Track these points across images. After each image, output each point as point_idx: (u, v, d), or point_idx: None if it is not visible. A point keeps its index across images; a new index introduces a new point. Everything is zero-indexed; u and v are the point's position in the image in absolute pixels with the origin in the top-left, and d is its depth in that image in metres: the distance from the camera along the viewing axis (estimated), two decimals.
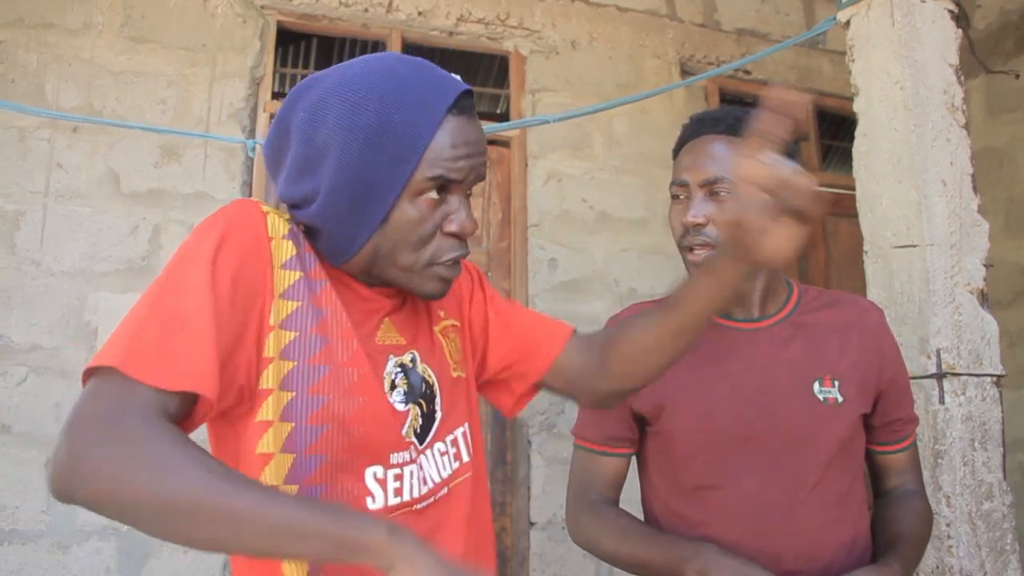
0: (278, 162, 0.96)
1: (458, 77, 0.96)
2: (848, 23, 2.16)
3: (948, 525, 1.81)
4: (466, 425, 1.07)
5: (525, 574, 3.23)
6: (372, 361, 0.95)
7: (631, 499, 1.46)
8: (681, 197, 1.37)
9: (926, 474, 1.84)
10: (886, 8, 2.04)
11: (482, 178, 0.97)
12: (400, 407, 0.97)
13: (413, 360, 1.01)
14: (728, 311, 1.41)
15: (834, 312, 1.41)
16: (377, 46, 4.11)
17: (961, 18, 2.12)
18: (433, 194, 0.91)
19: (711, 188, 1.32)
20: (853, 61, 2.14)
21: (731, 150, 1.33)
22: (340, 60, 4.88)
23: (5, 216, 2.89)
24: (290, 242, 0.91)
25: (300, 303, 0.90)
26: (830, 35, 3.97)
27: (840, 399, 1.32)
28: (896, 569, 1.24)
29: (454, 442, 1.04)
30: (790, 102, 0.87)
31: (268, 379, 0.86)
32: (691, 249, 1.34)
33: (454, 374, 1.07)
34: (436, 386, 1.03)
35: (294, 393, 0.88)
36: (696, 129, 1.40)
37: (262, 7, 3.35)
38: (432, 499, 0.98)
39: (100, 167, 3.02)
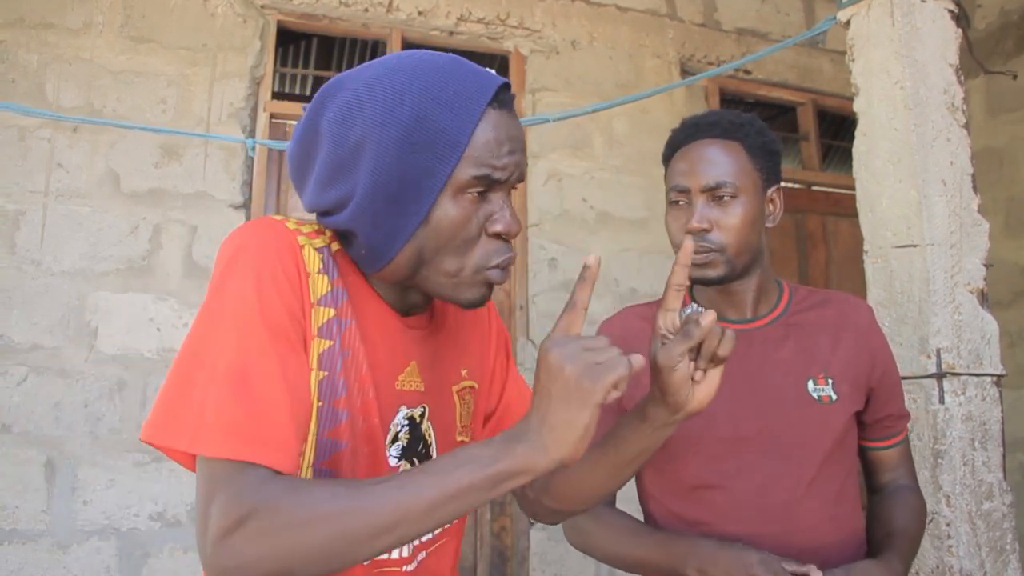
0: (304, 168, 0.92)
1: (493, 72, 0.92)
2: (848, 23, 2.16)
3: (948, 525, 1.80)
4: None
5: (525, 574, 3.23)
6: (383, 410, 0.92)
7: (631, 499, 1.46)
8: (681, 203, 1.37)
9: (926, 474, 1.84)
10: (886, 8, 2.04)
11: (523, 177, 0.93)
12: (393, 462, 0.94)
13: (422, 415, 0.97)
14: (721, 312, 1.41)
15: (825, 311, 1.41)
16: (377, 46, 4.12)
17: (961, 18, 2.12)
18: (475, 192, 0.87)
19: (713, 193, 1.33)
20: (853, 61, 2.14)
21: (728, 154, 1.33)
22: (340, 60, 4.90)
23: (5, 216, 2.89)
24: (324, 277, 0.88)
25: (332, 342, 0.87)
26: (830, 35, 3.98)
27: (834, 397, 1.33)
28: (895, 565, 1.25)
29: None
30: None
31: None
32: (694, 255, 1.34)
33: (458, 438, 1.03)
34: (433, 448, 0.99)
35: (315, 436, 0.87)
36: (691, 134, 1.39)
37: (262, 7, 3.35)
38: (414, 563, 0.95)
39: (100, 167, 3.02)
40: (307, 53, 4.82)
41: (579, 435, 0.75)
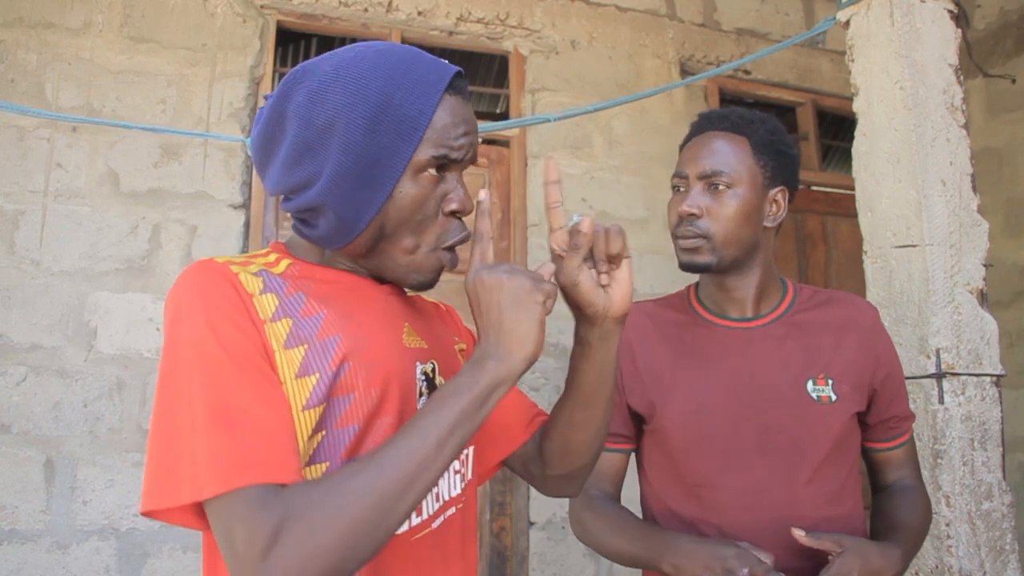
0: (269, 151, 0.96)
1: (446, 61, 0.97)
2: (848, 23, 2.16)
3: (947, 525, 1.81)
4: (471, 448, 1.06)
5: (524, 574, 3.23)
6: (405, 369, 0.94)
7: (633, 498, 1.46)
8: (681, 189, 1.40)
9: (926, 474, 1.84)
10: (886, 8, 2.04)
11: (475, 160, 0.99)
12: None
13: (434, 370, 1.00)
14: (723, 310, 1.42)
15: (829, 311, 1.41)
16: None
17: (961, 18, 2.12)
18: (433, 171, 0.93)
19: (709, 181, 1.35)
20: (853, 61, 2.14)
21: (731, 147, 1.36)
22: None
23: (5, 215, 2.89)
24: (271, 295, 0.89)
25: (307, 345, 0.87)
26: (830, 35, 3.98)
27: (834, 397, 1.33)
28: (891, 550, 1.23)
29: (463, 461, 1.03)
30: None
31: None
32: (683, 239, 1.36)
33: None
34: None
35: (325, 432, 0.87)
36: (702, 126, 1.43)
37: (262, 7, 3.35)
38: (442, 518, 0.97)
39: (100, 167, 3.02)
40: (307, 53, 4.82)
41: (536, 330, 0.85)
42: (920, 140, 1.96)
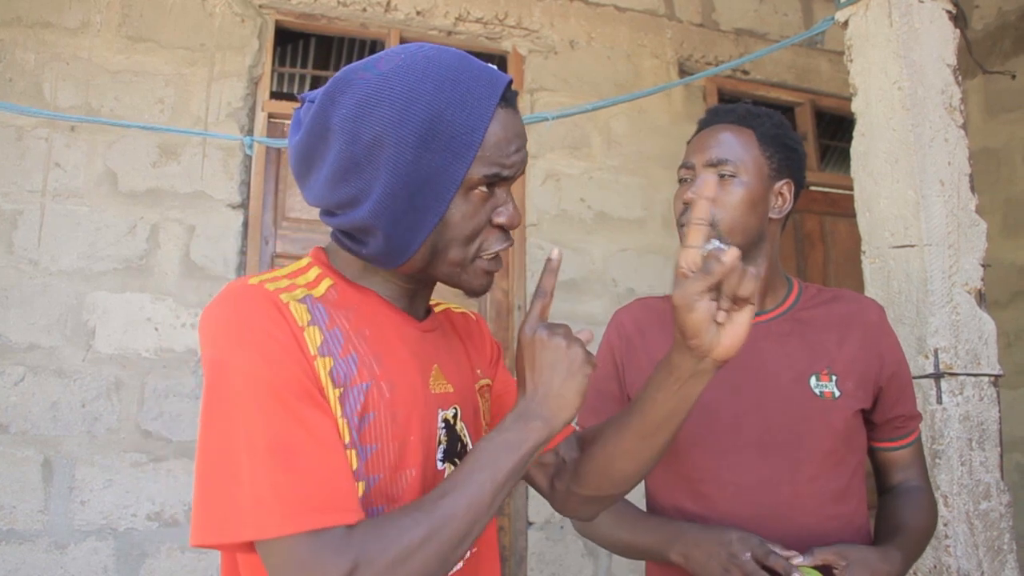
0: (311, 163, 0.92)
1: (496, 68, 0.93)
2: (846, 23, 2.16)
3: (946, 525, 1.81)
4: None
5: (523, 573, 3.23)
6: (427, 417, 0.93)
7: (636, 495, 1.46)
8: (687, 179, 1.41)
9: None
10: (884, 8, 2.04)
11: (524, 170, 0.97)
12: (440, 466, 0.95)
13: (455, 416, 0.98)
14: None
15: (834, 308, 1.42)
16: (375, 45, 4.12)
17: (959, 18, 2.12)
18: (484, 188, 0.90)
19: (715, 170, 1.36)
20: (851, 61, 2.14)
21: (737, 138, 1.37)
22: (338, 60, 4.89)
23: (3, 215, 2.89)
24: (316, 328, 0.86)
25: (341, 389, 0.85)
26: (828, 35, 3.98)
27: (837, 394, 1.33)
28: (892, 554, 1.23)
29: None
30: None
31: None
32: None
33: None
34: (469, 447, 1.00)
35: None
36: (709, 119, 1.44)
37: (260, 6, 3.34)
38: (461, 563, 0.95)
39: (98, 166, 3.02)
40: (305, 53, 4.82)
41: (579, 400, 0.89)
42: (918, 140, 1.96)
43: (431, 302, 1.08)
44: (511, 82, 0.92)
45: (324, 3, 3.43)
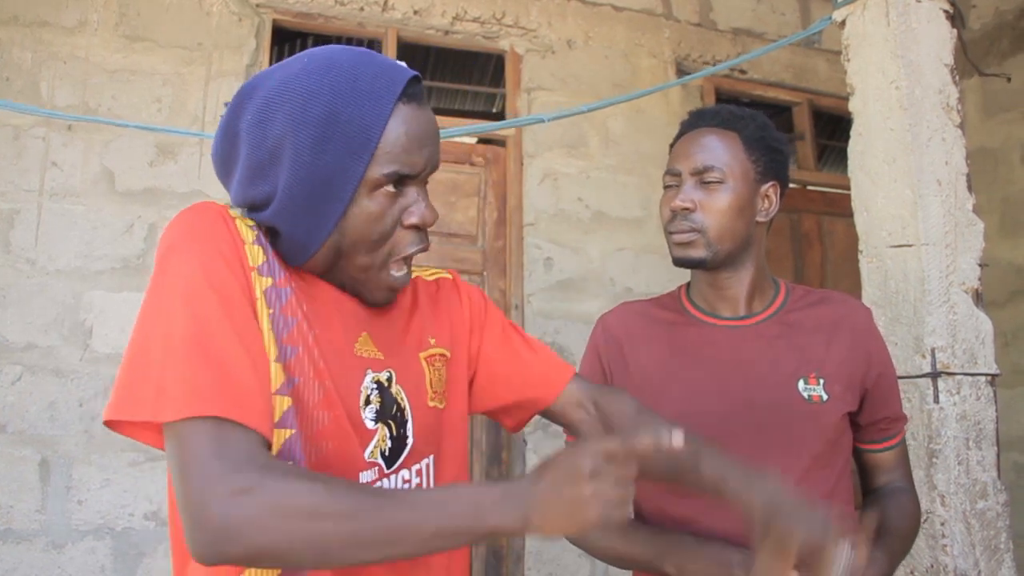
0: (228, 167, 0.93)
1: (403, 64, 0.93)
2: (844, 23, 2.16)
3: (943, 524, 1.81)
4: (431, 457, 1.02)
5: (520, 573, 3.23)
6: (349, 373, 0.92)
7: None
8: (673, 186, 1.40)
9: (921, 473, 1.84)
10: (882, 8, 2.04)
11: (437, 167, 0.95)
12: (370, 424, 0.93)
13: (389, 379, 0.97)
14: (714, 308, 1.42)
15: (822, 310, 1.41)
16: (373, 45, 4.10)
17: (956, 18, 2.12)
18: (390, 187, 0.89)
19: (701, 176, 1.35)
20: (849, 61, 2.14)
21: (723, 142, 1.36)
22: None
23: (0, 214, 2.88)
24: (259, 248, 0.89)
25: (272, 310, 0.87)
26: (826, 34, 3.98)
27: (825, 397, 1.33)
28: (878, 557, 1.23)
29: (419, 472, 1.00)
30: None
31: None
32: (676, 233, 1.36)
33: (430, 404, 1.03)
34: (408, 410, 0.99)
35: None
36: (692, 123, 1.43)
37: (258, 5, 3.34)
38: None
39: (95, 165, 3.02)
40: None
41: (562, 533, 0.80)
42: (916, 140, 1.96)
43: None
44: (416, 77, 0.91)
45: (321, 2, 3.43)
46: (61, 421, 2.82)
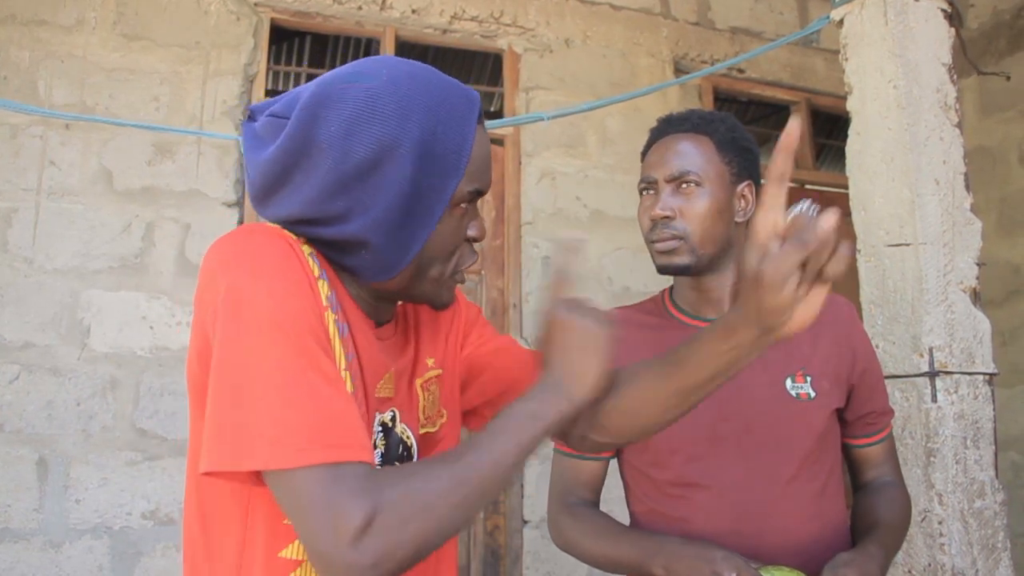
0: (286, 179, 0.88)
1: (466, 87, 0.95)
2: (842, 22, 2.16)
3: (940, 523, 1.81)
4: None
5: (518, 572, 3.23)
6: (369, 417, 0.92)
7: (619, 499, 1.46)
8: (649, 193, 1.41)
9: (919, 472, 1.85)
10: (880, 7, 2.05)
11: None
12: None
13: (393, 419, 0.97)
14: (699, 310, 1.42)
15: None
16: (371, 44, 4.11)
17: (954, 17, 2.12)
18: (466, 204, 0.92)
19: (678, 183, 1.36)
20: (847, 60, 2.15)
21: (696, 147, 1.37)
22: (334, 58, 4.88)
23: None
24: (324, 282, 0.87)
25: (346, 350, 0.87)
26: (824, 34, 3.98)
27: (813, 394, 1.34)
28: (873, 552, 1.24)
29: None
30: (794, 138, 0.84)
31: None
32: (659, 242, 1.36)
33: (421, 431, 1.03)
34: (414, 447, 1.00)
35: None
36: (663, 129, 1.43)
37: (255, 4, 3.34)
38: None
39: (93, 164, 3.01)
40: (300, 51, 4.81)
41: (599, 375, 0.92)
42: (913, 139, 1.96)
43: None
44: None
45: (319, 1, 3.42)
46: (59, 420, 2.81)
